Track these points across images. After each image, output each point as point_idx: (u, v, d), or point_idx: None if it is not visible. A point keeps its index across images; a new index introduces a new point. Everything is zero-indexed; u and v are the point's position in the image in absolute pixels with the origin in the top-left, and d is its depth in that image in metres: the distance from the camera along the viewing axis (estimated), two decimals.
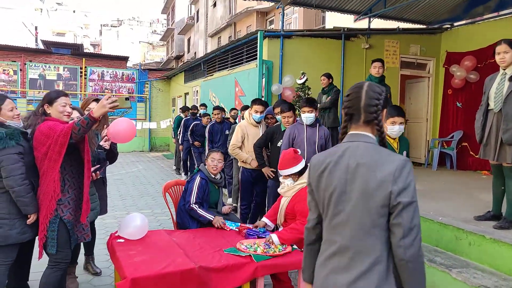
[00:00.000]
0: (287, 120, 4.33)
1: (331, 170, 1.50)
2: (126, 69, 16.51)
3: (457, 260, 3.48)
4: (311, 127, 4.14)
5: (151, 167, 11.66)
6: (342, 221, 1.46)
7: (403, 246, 1.37)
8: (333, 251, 1.48)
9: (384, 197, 1.39)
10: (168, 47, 38.12)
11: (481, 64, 7.55)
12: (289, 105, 4.38)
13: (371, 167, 1.42)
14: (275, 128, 4.53)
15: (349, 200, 1.45)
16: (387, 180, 1.39)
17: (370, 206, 1.41)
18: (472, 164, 7.62)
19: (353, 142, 1.50)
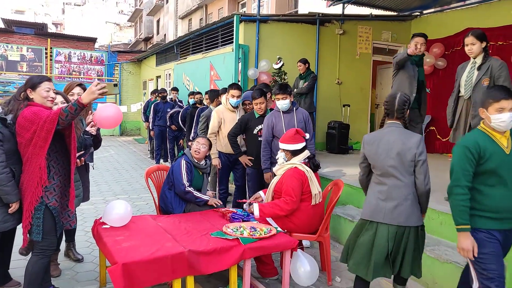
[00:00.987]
0: (259, 107, 4.36)
1: (379, 143, 2.60)
2: (94, 50, 15.93)
3: (430, 238, 3.70)
4: (288, 113, 4.16)
5: (123, 152, 11.45)
6: (388, 170, 2.56)
7: (423, 184, 2.54)
8: (382, 189, 2.60)
9: (411, 156, 2.51)
10: (136, 28, 36.91)
11: (449, 51, 7.85)
12: (260, 92, 4.38)
13: (402, 140, 2.55)
14: (249, 115, 4.54)
15: (391, 159, 2.54)
16: (413, 147, 2.51)
17: (403, 161, 2.52)
18: (439, 148, 7.98)
19: (390, 127, 2.64)
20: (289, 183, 3.20)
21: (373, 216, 2.60)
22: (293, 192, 3.16)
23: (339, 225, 4.37)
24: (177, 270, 2.50)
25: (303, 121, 4.19)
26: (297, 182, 3.19)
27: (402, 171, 2.52)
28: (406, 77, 4.29)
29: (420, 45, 4.18)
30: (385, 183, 2.57)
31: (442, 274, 3.25)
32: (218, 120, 4.70)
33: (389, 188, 2.56)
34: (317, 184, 3.34)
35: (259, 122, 4.42)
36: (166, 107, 8.87)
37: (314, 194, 3.29)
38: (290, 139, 3.38)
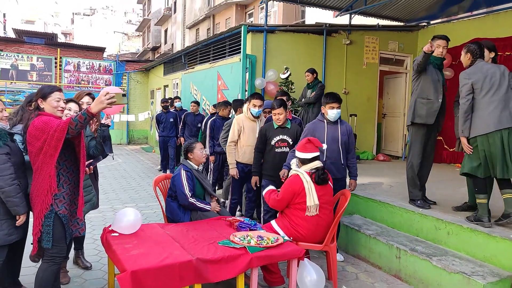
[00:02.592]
0: (277, 117, 4.25)
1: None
2: (103, 60, 16.15)
3: (437, 248, 3.69)
4: (333, 124, 3.95)
5: (130, 160, 11.54)
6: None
7: None
8: (497, 105, 3.40)
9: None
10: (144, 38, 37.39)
11: (456, 61, 7.86)
12: (279, 102, 4.29)
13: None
14: (267, 126, 4.44)
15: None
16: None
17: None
18: (446, 157, 7.96)
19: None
20: (284, 186, 3.43)
21: (498, 125, 3.30)
22: (282, 194, 3.39)
23: (345, 235, 4.37)
24: (185, 278, 2.52)
25: (347, 135, 3.96)
26: (290, 188, 3.34)
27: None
28: (429, 81, 4.03)
29: (442, 48, 4.03)
30: (496, 98, 3.40)
31: (449, 285, 3.24)
32: (238, 129, 4.63)
33: (501, 102, 3.38)
34: (315, 197, 3.29)
35: (277, 133, 4.29)
36: (168, 117, 8.80)
37: (309, 206, 3.27)
38: (301, 147, 3.45)
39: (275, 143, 4.29)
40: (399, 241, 3.85)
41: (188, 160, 3.74)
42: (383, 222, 4.41)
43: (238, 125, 4.64)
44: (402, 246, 3.73)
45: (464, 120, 3.56)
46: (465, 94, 3.54)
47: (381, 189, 4.94)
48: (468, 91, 3.53)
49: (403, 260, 3.67)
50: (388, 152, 9.07)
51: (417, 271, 3.53)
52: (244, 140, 4.61)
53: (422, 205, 4.12)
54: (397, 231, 4.17)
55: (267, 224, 3.54)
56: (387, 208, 4.37)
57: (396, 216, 4.25)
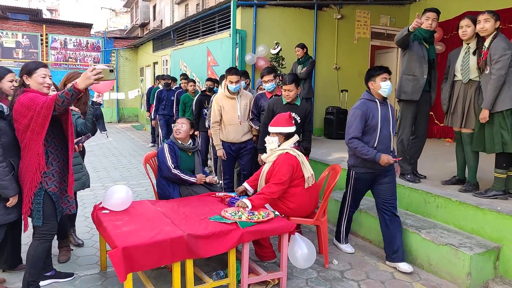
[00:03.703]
0: (287, 94, 3.96)
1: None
2: (90, 37, 15.77)
3: (426, 221, 3.75)
4: (383, 103, 3.40)
5: (121, 138, 11.45)
6: None
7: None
8: None
9: None
10: (132, 14, 36.42)
11: (447, 35, 7.79)
12: (292, 78, 3.95)
13: None
14: (274, 101, 4.13)
15: None
16: None
17: None
18: (436, 132, 8.01)
19: None
20: (280, 168, 3.18)
21: None
22: (283, 176, 3.14)
23: (336, 210, 4.40)
24: (176, 254, 2.53)
25: (393, 115, 3.53)
26: (288, 167, 3.19)
27: None
28: (415, 57, 3.99)
29: (431, 21, 3.94)
30: None
31: (437, 256, 3.31)
32: (218, 109, 4.49)
33: None
34: (309, 167, 3.35)
35: (285, 110, 3.90)
36: (170, 94, 8.27)
37: (307, 177, 3.30)
38: (285, 122, 3.36)
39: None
40: None
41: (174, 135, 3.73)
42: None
43: (217, 104, 4.49)
44: None
45: (496, 93, 3.36)
46: (504, 65, 3.33)
47: None
48: (510, 62, 3.34)
49: None
50: None
51: (407, 244, 3.59)
52: (226, 119, 4.46)
53: (412, 179, 4.16)
54: None
55: None
56: None
57: None
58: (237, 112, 4.44)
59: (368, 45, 8.56)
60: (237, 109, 4.45)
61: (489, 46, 3.48)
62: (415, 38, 4.02)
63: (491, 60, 3.44)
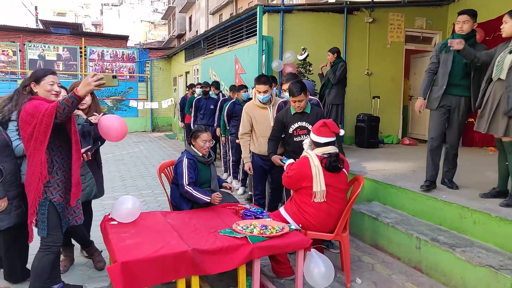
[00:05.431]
0: (298, 105, 3.71)
1: None
2: (126, 48, 16.27)
3: (461, 239, 3.40)
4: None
5: (152, 147, 11.61)
6: None
7: None
8: None
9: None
10: (169, 26, 37.51)
11: (490, 36, 7.28)
12: (300, 86, 3.67)
13: None
14: (282, 113, 3.89)
15: None
16: None
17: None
18: (478, 141, 7.46)
19: None
20: (294, 165, 3.29)
21: None
22: (292, 171, 3.23)
23: (362, 223, 4.13)
24: (180, 270, 2.39)
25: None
26: (298, 169, 3.18)
27: None
28: (441, 66, 3.96)
29: (462, 24, 3.79)
30: None
31: (474, 279, 2.96)
32: (248, 119, 4.14)
33: None
34: (322, 182, 3.06)
35: (295, 120, 3.79)
36: (209, 103, 7.72)
37: (315, 192, 3.06)
38: (316, 130, 3.23)
39: (293, 131, 3.81)
40: (420, 230, 3.58)
41: (192, 146, 3.57)
42: (403, 209, 4.13)
43: (247, 115, 4.15)
44: (423, 235, 3.45)
45: None
46: None
47: (402, 175, 4.63)
48: None
49: (423, 251, 3.40)
50: (415, 135, 8.62)
51: (439, 263, 3.26)
52: (258, 130, 4.11)
53: (423, 187, 3.97)
54: (418, 220, 3.89)
55: (275, 212, 3.36)
56: (408, 195, 4.08)
57: (417, 203, 3.96)
58: (270, 122, 4.07)
59: (402, 49, 8.16)
60: (270, 119, 4.08)
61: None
62: (442, 48, 3.97)
63: None
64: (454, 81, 3.91)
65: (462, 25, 3.80)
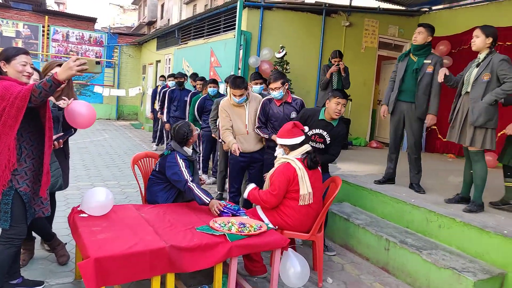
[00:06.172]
0: (340, 109, 3.53)
1: None
2: (94, 31, 15.60)
3: (427, 241, 3.54)
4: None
5: (118, 136, 11.23)
6: None
7: None
8: None
9: None
10: (140, 11, 36.37)
11: (455, 49, 7.61)
12: (343, 94, 3.54)
13: None
14: (313, 111, 3.73)
15: None
16: None
17: None
18: (439, 147, 7.81)
19: None
20: (276, 177, 3.08)
21: None
22: (277, 187, 3.04)
23: (333, 223, 4.20)
24: (156, 267, 2.31)
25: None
26: (284, 178, 3.04)
27: None
28: (397, 74, 4.30)
29: (417, 34, 4.12)
30: None
31: (438, 280, 3.09)
32: (227, 115, 4.04)
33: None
34: (308, 184, 3.07)
35: (320, 126, 3.64)
36: (183, 95, 7.53)
37: (302, 195, 3.05)
38: (287, 133, 3.18)
39: (312, 135, 3.67)
40: (389, 233, 3.69)
41: (184, 147, 3.37)
42: (373, 211, 4.24)
43: (225, 112, 4.05)
44: (392, 237, 3.56)
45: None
46: None
47: (373, 177, 4.75)
48: None
49: (391, 253, 3.51)
50: (381, 139, 8.89)
51: (406, 265, 3.37)
52: (234, 128, 4.04)
53: (376, 181, 4.46)
54: (387, 222, 4.01)
55: (251, 210, 3.33)
56: (378, 198, 4.19)
57: (387, 206, 4.08)
58: (244, 121, 4.03)
59: (375, 54, 8.37)
60: (244, 118, 4.03)
61: (482, 61, 3.53)
62: (400, 57, 4.31)
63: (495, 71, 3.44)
64: (405, 88, 4.21)
65: (417, 35, 4.12)
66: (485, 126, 3.46)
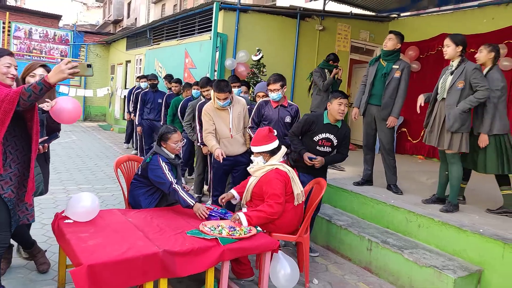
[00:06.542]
0: (344, 109, 3.50)
1: None
2: (58, 29, 15.01)
3: (407, 241, 3.66)
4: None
5: (86, 138, 10.86)
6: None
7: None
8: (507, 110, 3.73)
9: None
10: (105, 9, 35.35)
11: (423, 55, 7.94)
12: (341, 91, 3.60)
13: None
14: (315, 117, 3.66)
15: None
16: None
17: None
18: (409, 149, 8.10)
19: None
20: (273, 186, 3.00)
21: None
22: (279, 195, 2.98)
23: (315, 225, 4.24)
24: (149, 272, 2.26)
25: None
26: (281, 184, 3.02)
27: None
28: (368, 78, 4.49)
29: (387, 40, 4.34)
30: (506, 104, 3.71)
31: (420, 278, 3.20)
32: (210, 119, 3.99)
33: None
34: (299, 183, 3.18)
35: (325, 130, 3.61)
36: (157, 97, 7.33)
37: (297, 194, 3.13)
38: (265, 140, 3.16)
39: (319, 140, 3.61)
40: (371, 233, 3.78)
41: (163, 149, 3.31)
42: (353, 212, 4.34)
43: (208, 116, 3.99)
44: (374, 238, 3.66)
45: (492, 119, 3.68)
46: (501, 95, 3.67)
47: (350, 179, 4.86)
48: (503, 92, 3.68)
49: (374, 253, 3.60)
50: (354, 141, 9.10)
51: (388, 264, 3.47)
52: (218, 132, 4.02)
53: (355, 183, 4.62)
54: (367, 222, 4.11)
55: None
56: (359, 199, 4.29)
57: (367, 207, 4.19)
58: (228, 125, 4.00)
59: (348, 58, 8.56)
60: (228, 121, 4.00)
61: (455, 69, 3.70)
62: (371, 62, 4.50)
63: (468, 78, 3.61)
64: (375, 92, 4.42)
65: (387, 42, 4.34)
66: (460, 131, 3.63)
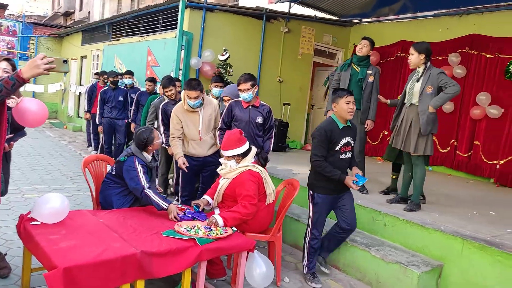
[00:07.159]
0: (352, 107, 3.17)
1: None
2: (5, 19, 14.07)
3: (374, 239, 3.80)
4: None
5: (38, 136, 10.25)
6: None
7: None
8: None
9: None
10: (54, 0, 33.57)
11: (383, 60, 8.29)
12: (345, 89, 3.42)
13: None
14: (329, 125, 3.23)
15: None
16: None
17: None
18: (368, 151, 8.39)
19: None
20: (247, 187, 3.00)
21: None
22: (253, 196, 2.99)
23: (284, 224, 4.29)
24: (126, 274, 2.18)
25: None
26: (255, 185, 3.04)
27: None
28: (341, 83, 4.58)
29: (362, 46, 4.48)
30: None
31: (386, 274, 3.34)
32: (178, 122, 3.92)
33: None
34: (271, 183, 3.22)
35: (343, 135, 3.24)
36: (117, 94, 7.05)
37: (269, 194, 3.17)
38: (237, 143, 3.14)
39: (341, 147, 3.25)
40: None
41: (143, 152, 3.21)
42: None
43: (177, 118, 3.92)
44: None
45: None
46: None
47: None
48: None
49: (342, 250, 3.70)
50: None
51: (356, 261, 3.59)
52: (188, 134, 3.95)
53: (365, 192, 4.57)
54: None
55: (211, 213, 3.28)
56: None
57: None
58: (198, 127, 3.93)
59: (311, 61, 8.75)
60: (198, 124, 3.93)
61: (421, 76, 3.89)
62: (342, 67, 4.62)
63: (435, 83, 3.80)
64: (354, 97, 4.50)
65: (362, 47, 4.48)
66: (431, 133, 3.83)
